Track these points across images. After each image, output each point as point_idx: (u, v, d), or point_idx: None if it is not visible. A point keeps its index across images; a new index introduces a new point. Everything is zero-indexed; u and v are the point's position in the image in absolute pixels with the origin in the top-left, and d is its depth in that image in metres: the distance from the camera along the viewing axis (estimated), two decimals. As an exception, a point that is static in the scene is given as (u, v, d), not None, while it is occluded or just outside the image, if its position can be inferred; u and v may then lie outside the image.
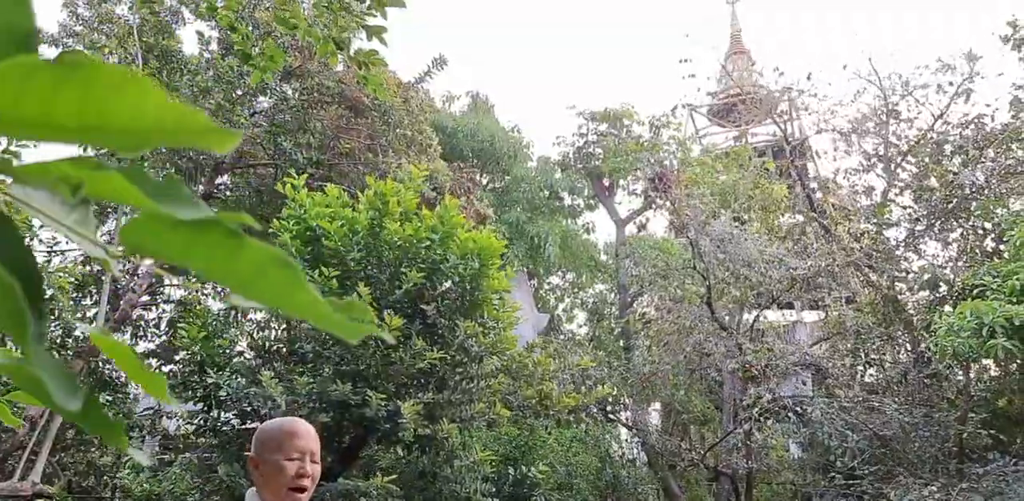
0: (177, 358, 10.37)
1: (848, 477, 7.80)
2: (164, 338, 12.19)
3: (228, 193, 12.18)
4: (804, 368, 9.55)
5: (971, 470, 6.71)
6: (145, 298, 12.05)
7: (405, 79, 10.33)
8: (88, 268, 12.05)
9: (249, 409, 5.89)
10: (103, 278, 10.95)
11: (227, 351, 5.79)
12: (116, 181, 0.38)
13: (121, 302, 11.29)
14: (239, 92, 9.84)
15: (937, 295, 7.89)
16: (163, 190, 0.41)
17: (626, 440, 11.58)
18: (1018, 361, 6.50)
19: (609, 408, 10.23)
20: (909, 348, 8.65)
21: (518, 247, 13.21)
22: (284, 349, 6.24)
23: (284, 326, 12.21)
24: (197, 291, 12.36)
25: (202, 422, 5.82)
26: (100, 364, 9.51)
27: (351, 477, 5.15)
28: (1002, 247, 7.69)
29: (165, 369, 11.63)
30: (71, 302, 8.79)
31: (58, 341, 8.57)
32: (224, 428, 5.96)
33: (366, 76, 3.87)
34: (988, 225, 8.47)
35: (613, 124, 14.22)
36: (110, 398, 9.55)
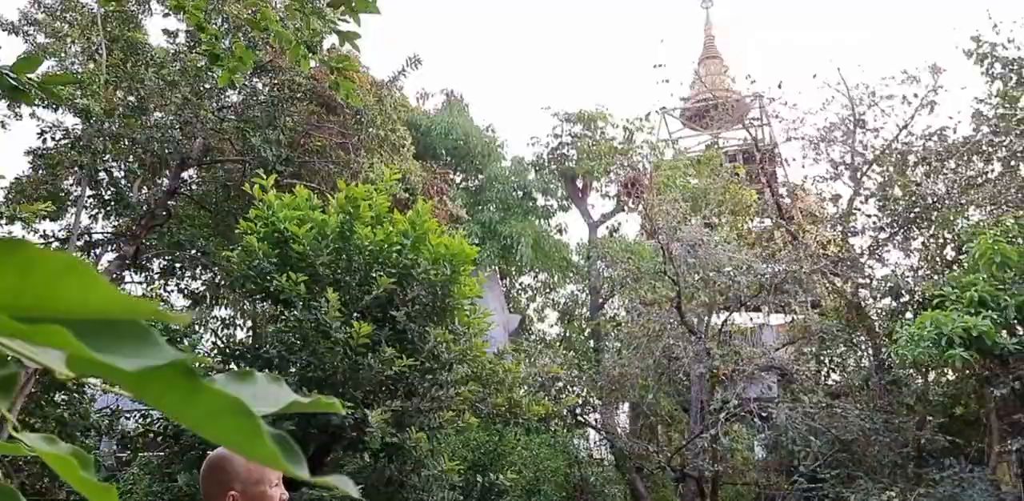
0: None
1: (810, 480, 7.95)
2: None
3: (194, 187, 11.90)
4: (770, 371, 9.72)
5: (928, 475, 6.90)
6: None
7: (379, 77, 10.19)
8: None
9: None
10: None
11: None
12: (59, 335, 0.34)
13: (80, 299, 10.97)
14: (207, 85, 9.60)
15: (899, 303, 8.08)
16: (115, 336, 0.37)
17: (595, 441, 11.66)
18: (974, 368, 6.70)
19: (578, 410, 10.28)
20: (871, 354, 8.85)
21: (491, 247, 13.17)
22: (249, 354, 6.11)
23: (250, 324, 11.98)
24: (160, 288, 12.08)
25: (161, 429, 5.67)
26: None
27: (315, 487, 5.07)
28: (961, 257, 7.91)
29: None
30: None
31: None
32: (186, 432, 5.82)
33: (338, 81, 3.80)
34: (948, 235, 8.69)
35: (587, 126, 14.24)
36: (65, 398, 9.26)
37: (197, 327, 11.80)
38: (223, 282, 11.52)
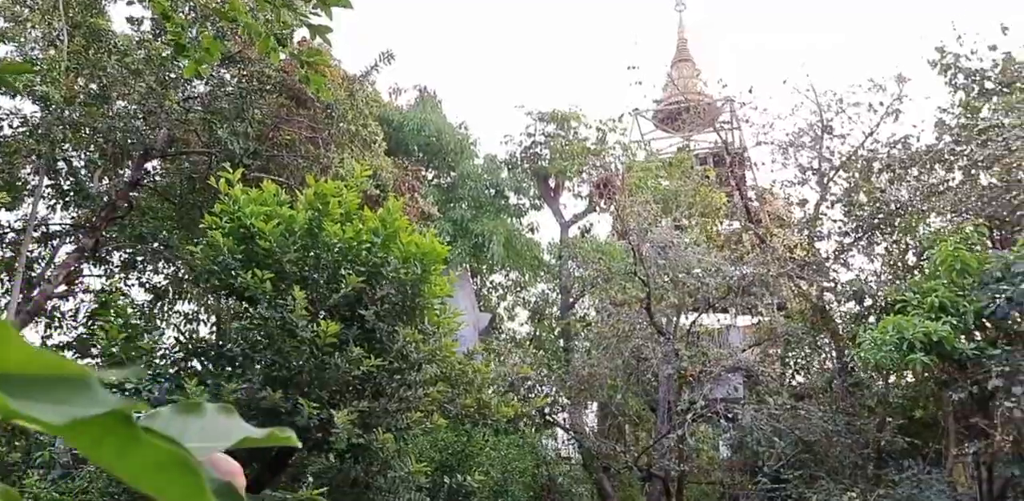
0: (95, 352, 9.84)
1: (774, 480, 8.08)
2: (82, 330, 11.55)
3: (158, 179, 11.59)
4: (736, 373, 9.84)
5: (888, 476, 7.05)
6: (62, 288, 11.37)
7: (351, 72, 10.03)
8: (-1, 255, 11.28)
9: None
10: (16, 267, 10.26)
11: (149, 354, 5.49)
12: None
13: (35, 292, 10.60)
14: (172, 75, 9.34)
15: (863, 307, 8.23)
16: (47, 383, 0.32)
17: (563, 441, 11.69)
18: (933, 372, 6.87)
19: (547, 410, 10.29)
20: (835, 356, 9.01)
21: (462, 245, 13.09)
22: (212, 351, 5.96)
23: (214, 320, 11.74)
24: (120, 282, 11.76)
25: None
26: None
27: (279, 488, 4.97)
28: (923, 263, 8.09)
29: (82, 363, 11.01)
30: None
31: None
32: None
33: (308, 75, 3.71)
34: (910, 241, 8.89)
35: (561, 125, 14.23)
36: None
37: (159, 322, 11.52)
38: (186, 276, 11.26)
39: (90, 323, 11.11)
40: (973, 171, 9.00)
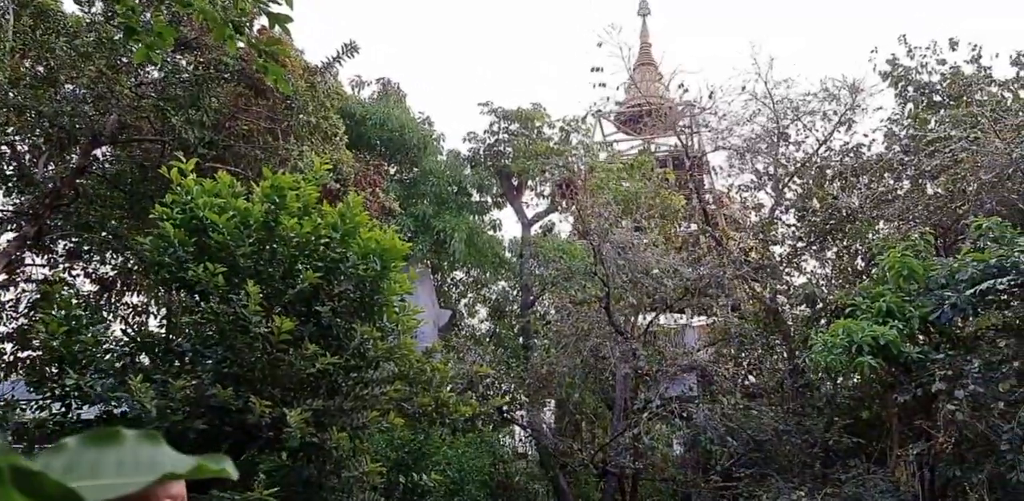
0: (36, 344, 9.45)
1: (725, 478, 8.23)
2: (23, 321, 11.07)
3: (107, 166, 11.16)
4: (691, 372, 10.01)
5: (834, 474, 7.26)
6: (2, 277, 10.88)
7: (313, 62, 9.81)
8: (-67, 243, 10.72)
9: (117, 411, 5.42)
10: (-49, 256, 9.76)
11: (91, 349, 5.27)
12: None
13: (-29, 283, 10.12)
14: (124, 59, 8.99)
15: (814, 310, 8.46)
16: None
17: (520, 438, 11.71)
18: (880, 375, 7.09)
19: (505, 408, 10.29)
20: (786, 357, 9.24)
21: (423, 241, 13.00)
22: (161, 346, 5.77)
23: (164, 313, 11.41)
24: (64, 272, 11.31)
25: (59, 422, 5.27)
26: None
27: (227, 488, 4.84)
28: (872, 269, 8.34)
29: (22, 355, 10.57)
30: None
31: None
32: (88, 428, 5.42)
33: (267, 65, 3.60)
34: (860, 247, 9.16)
35: (524, 124, 14.23)
36: (-48, 389, 8.53)
37: (105, 314, 11.12)
38: (136, 267, 10.88)
39: (32, 314, 10.68)
40: (920, 181, 9.32)
